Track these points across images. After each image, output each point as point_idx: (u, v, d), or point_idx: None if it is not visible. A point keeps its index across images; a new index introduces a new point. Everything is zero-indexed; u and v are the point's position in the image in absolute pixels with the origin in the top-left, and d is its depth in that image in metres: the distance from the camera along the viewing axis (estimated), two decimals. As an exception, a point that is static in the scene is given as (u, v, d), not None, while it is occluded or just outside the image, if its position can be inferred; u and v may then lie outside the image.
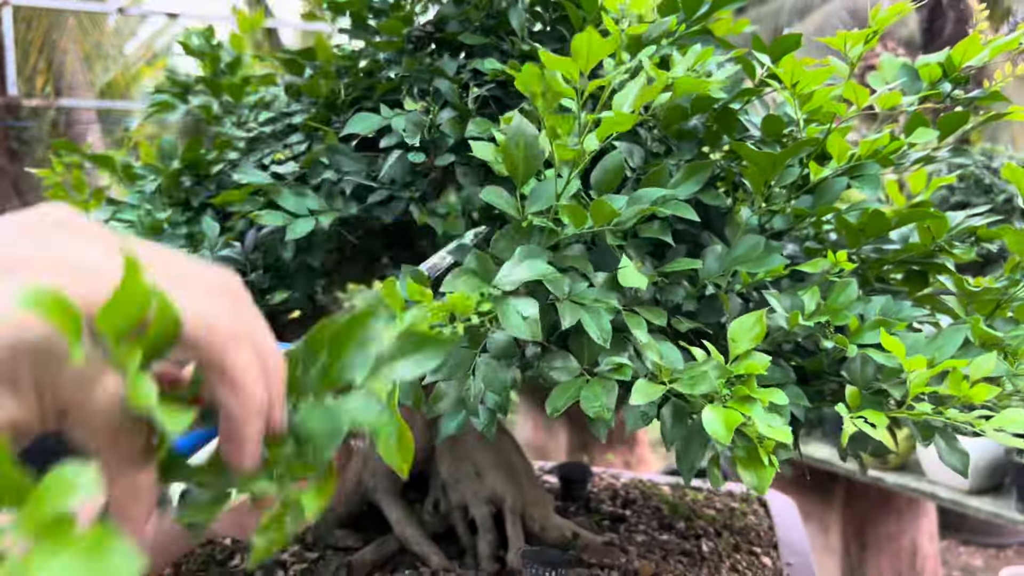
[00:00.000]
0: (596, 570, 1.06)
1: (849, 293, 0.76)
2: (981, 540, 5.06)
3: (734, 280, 0.82)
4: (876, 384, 0.75)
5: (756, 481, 0.65)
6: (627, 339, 0.75)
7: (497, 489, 1.14)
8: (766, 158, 0.79)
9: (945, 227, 0.92)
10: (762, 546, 1.21)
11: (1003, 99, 0.93)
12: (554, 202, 0.74)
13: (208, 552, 1.09)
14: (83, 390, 0.31)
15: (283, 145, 1.00)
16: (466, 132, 0.87)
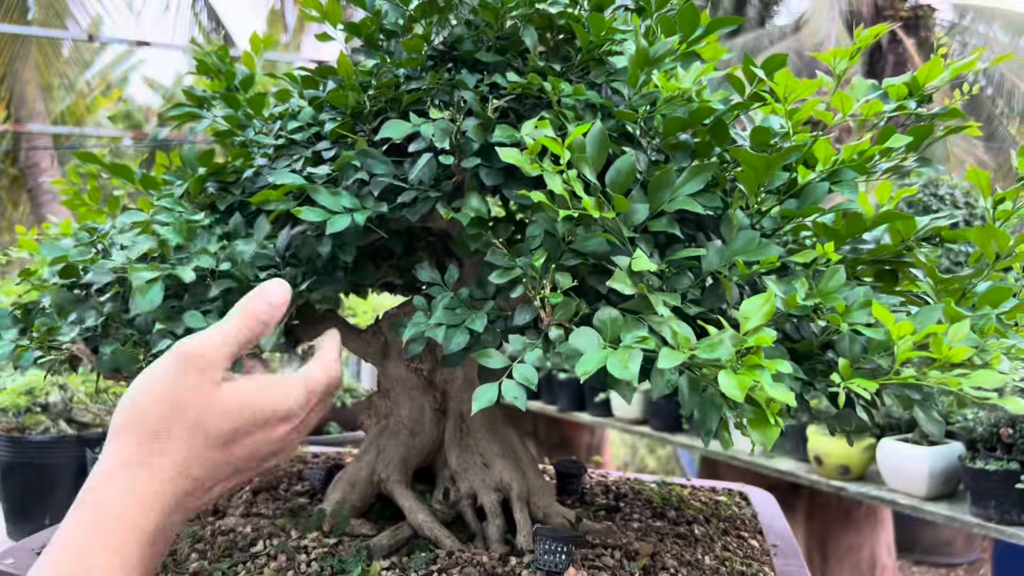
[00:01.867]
0: (600, 549, 1.13)
1: (838, 278, 0.86)
2: (933, 559, 5.23)
3: (732, 272, 0.92)
4: (864, 360, 0.84)
5: (764, 439, 0.73)
6: (642, 319, 0.84)
7: (504, 478, 1.21)
8: (761, 161, 0.89)
9: (913, 228, 1.03)
10: (748, 531, 1.30)
11: (961, 115, 1.05)
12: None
13: (231, 540, 1.14)
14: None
15: (311, 152, 1.08)
16: (489, 138, 0.96)
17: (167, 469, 0.62)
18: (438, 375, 1.29)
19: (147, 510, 0.60)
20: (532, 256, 0.90)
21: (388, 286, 1.57)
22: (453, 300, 0.96)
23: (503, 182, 0.97)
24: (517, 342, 0.89)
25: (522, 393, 0.84)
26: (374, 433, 1.29)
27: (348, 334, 1.28)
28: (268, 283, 0.75)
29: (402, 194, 0.98)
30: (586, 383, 2.88)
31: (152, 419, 0.63)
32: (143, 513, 0.60)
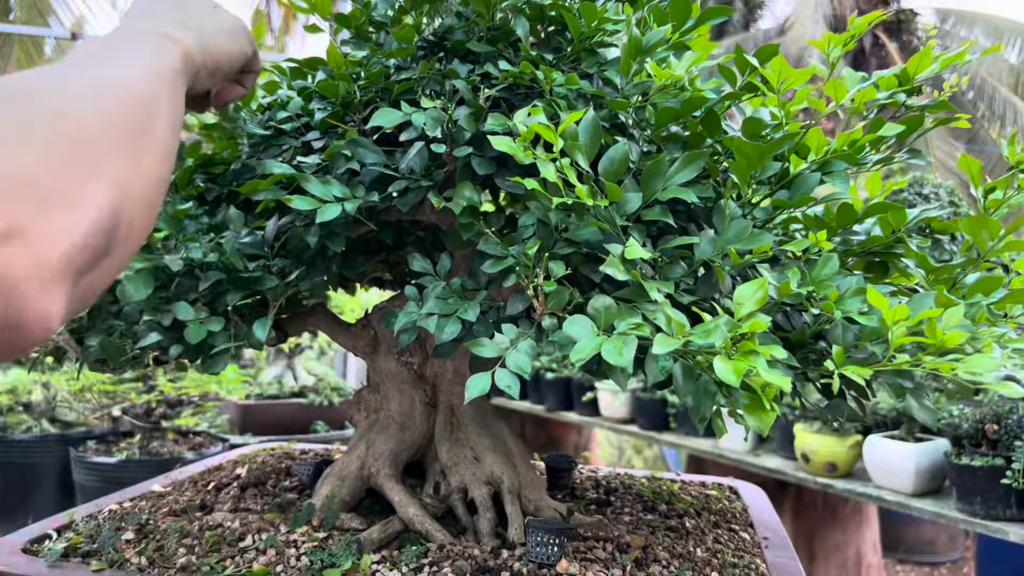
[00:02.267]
0: (592, 542, 1.13)
1: (832, 266, 0.86)
2: (916, 558, 5.26)
3: (725, 261, 0.92)
4: (856, 348, 0.84)
5: (760, 424, 0.73)
6: (636, 308, 0.83)
7: (495, 472, 1.21)
8: (754, 149, 0.89)
9: (904, 219, 1.03)
10: (739, 524, 1.30)
11: (950, 107, 1.05)
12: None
13: (219, 534, 1.12)
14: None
15: (301, 142, 1.07)
16: (481, 127, 0.96)
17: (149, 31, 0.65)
18: (428, 369, 1.28)
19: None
20: (525, 245, 0.90)
21: (377, 281, 1.57)
22: (445, 290, 0.96)
23: (495, 171, 0.96)
24: (510, 331, 0.88)
25: (515, 382, 0.83)
26: (364, 427, 1.28)
27: (337, 328, 1.27)
28: None
29: (393, 183, 0.97)
30: (574, 381, 2.90)
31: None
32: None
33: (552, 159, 0.86)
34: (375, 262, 1.47)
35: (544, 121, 0.85)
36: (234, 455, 1.64)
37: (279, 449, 1.69)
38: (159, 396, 2.13)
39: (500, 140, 0.87)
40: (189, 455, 2.17)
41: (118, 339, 0.95)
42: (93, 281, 0.49)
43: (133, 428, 2.22)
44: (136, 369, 0.99)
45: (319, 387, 2.98)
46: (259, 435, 2.77)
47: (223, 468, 1.53)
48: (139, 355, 0.96)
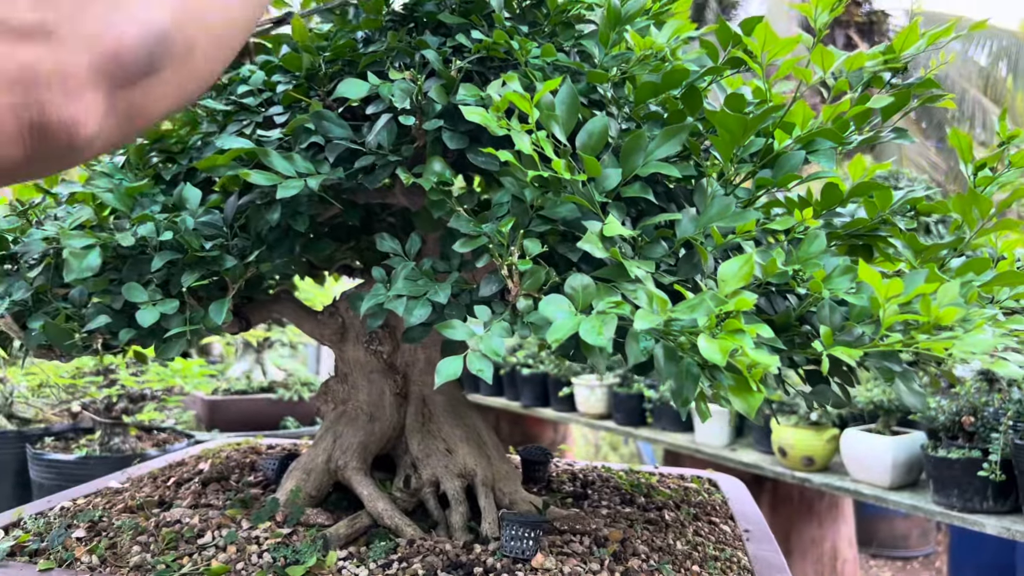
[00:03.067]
0: (568, 536, 1.09)
1: (818, 244, 0.83)
2: (889, 553, 5.30)
3: (708, 241, 0.88)
4: (844, 331, 0.81)
5: (746, 406, 0.69)
6: (616, 287, 0.79)
7: (468, 464, 1.16)
8: (738, 123, 0.85)
9: (890, 199, 1.00)
10: (719, 516, 1.27)
11: (936, 85, 1.02)
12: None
13: (176, 531, 1.06)
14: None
15: (263, 117, 1.02)
16: (453, 99, 0.91)
17: None
18: (399, 358, 1.23)
19: None
20: (499, 223, 0.85)
21: (347, 269, 1.51)
22: (415, 271, 0.91)
23: (468, 146, 0.91)
24: (483, 313, 0.83)
25: (488, 366, 0.79)
26: (331, 419, 1.22)
27: (303, 315, 1.22)
28: None
29: (360, 159, 0.92)
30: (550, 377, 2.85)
31: None
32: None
33: (527, 131, 0.81)
34: (345, 249, 1.41)
35: (519, 90, 0.81)
36: (197, 450, 1.58)
37: (245, 444, 1.63)
38: (120, 390, 2.06)
39: (472, 110, 0.82)
40: (152, 452, 2.10)
41: (63, 322, 0.89)
42: (139, 100, 0.45)
43: (93, 424, 2.15)
44: (84, 355, 0.93)
45: (289, 382, 2.91)
46: (227, 431, 2.70)
47: (185, 464, 1.47)
48: (87, 340, 0.90)
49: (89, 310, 0.89)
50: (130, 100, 0.44)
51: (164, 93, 0.46)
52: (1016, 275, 0.89)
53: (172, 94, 0.47)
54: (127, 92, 0.43)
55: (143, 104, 0.45)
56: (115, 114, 0.43)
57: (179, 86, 0.47)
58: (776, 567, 1.06)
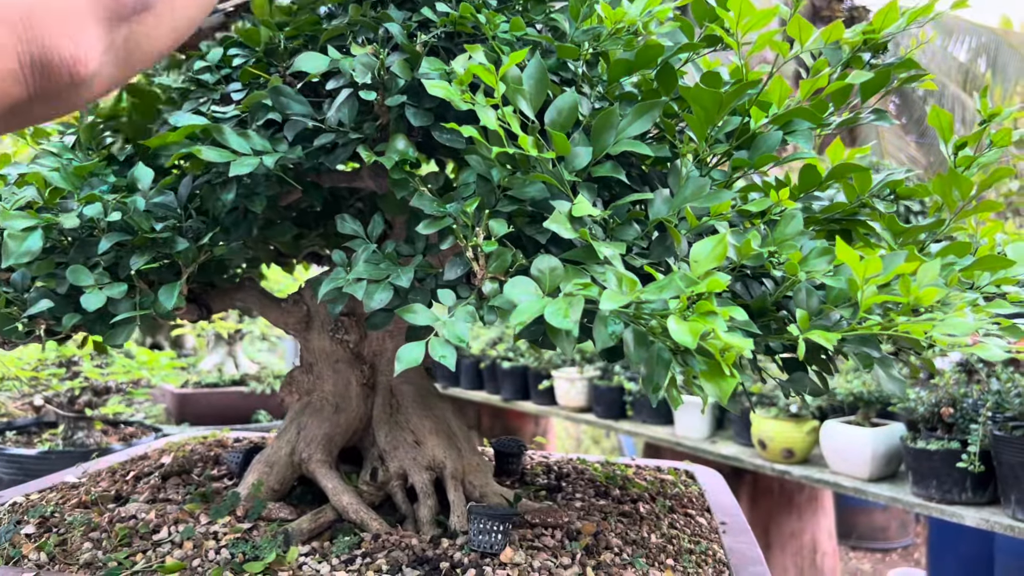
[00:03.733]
0: (540, 529, 1.05)
1: (795, 224, 0.80)
2: (868, 545, 5.33)
3: (681, 224, 0.84)
4: (822, 315, 0.78)
5: (719, 392, 0.66)
6: (585, 270, 0.76)
7: (437, 456, 1.13)
8: (712, 99, 0.82)
9: (869, 182, 0.98)
10: (696, 508, 1.24)
11: (917, 66, 0.99)
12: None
13: (131, 527, 1.02)
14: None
15: (220, 95, 0.97)
16: (417, 75, 0.87)
17: None
18: (366, 347, 1.19)
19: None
20: (464, 203, 0.82)
21: (315, 257, 1.47)
22: (376, 254, 0.87)
23: (432, 123, 0.87)
24: (447, 297, 0.80)
25: (451, 352, 0.75)
26: (296, 410, 1.18)
27: (267, 303, 1.17)
28: None
29: (320, 136, 0.88)
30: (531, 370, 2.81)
31: None
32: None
33: (493, 105, 0.78)
34: (313, 235, 1.37)
35: (484, 62, 0.77)
36: (161, 443, 1.54)
37: (212, 437, 1.58)
38: (83, 383, 2.00)
39: (435, 84, 0.78)
40: (117, 446, 2.05)
41: (3, 307, 0.84)
42: (136, 36, 0.45)
43: (57, 418, 2.09)
44: (27, 342, 0.88)
45: (261, 375, 2.86)
46: (197, 425, 2.64)
47: (147, 457, 1.43)
48: (29, 326, 0.85)
49: (31, 294, 0.85)
50: (127, 36, 0.44)
51: (158, 30, 0.47)
52: (996, 259, 0.86)
53: (165, 31, 0.48)
54: (125, 27, 0.44)
55: (139, 41, 0.46)
56: (114, 50, 0.44)
57: (171, 22, 0.48)
58: (752, 560, 1.03)
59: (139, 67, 0.47)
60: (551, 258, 0.74)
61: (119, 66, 0.45)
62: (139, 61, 0.47)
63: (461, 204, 0.82)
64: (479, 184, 0.83)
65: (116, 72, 0.45)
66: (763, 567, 1.01)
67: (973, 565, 3.69)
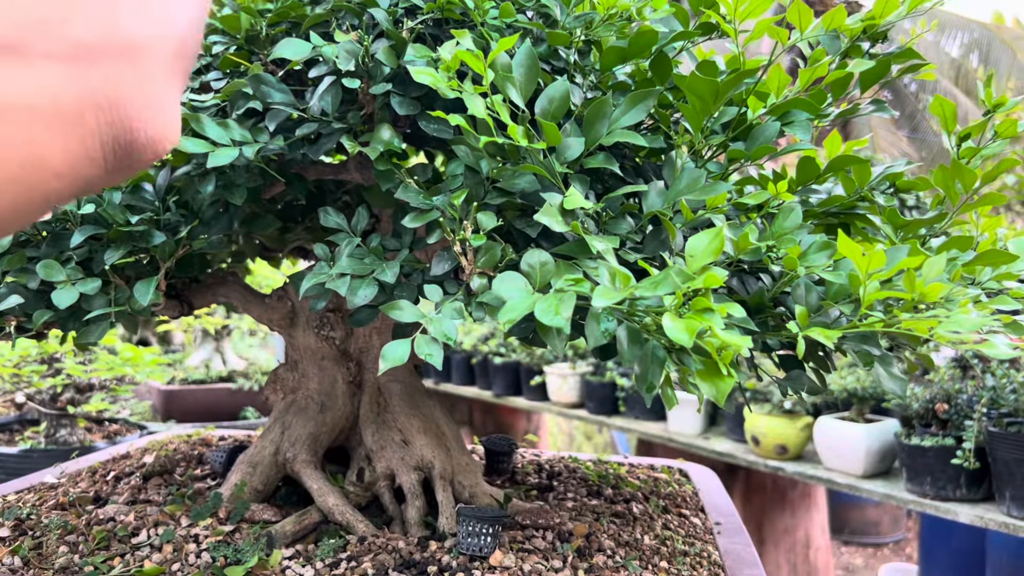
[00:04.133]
0: (531, 530, 1.03)
1: (794, 218, 0.77)
2: (860, 540, 5.34)
3: (676, 217, 0.82)
4: (821, 311, 0.75)
5: (715, 392, 0.64)
6: (577, 265, 0.73)
7: (425, 456, 1.10)
8: (709, 88, 0.79)
9: (868, 174, 0.95)
10: (690, 508, 1.21)
11: (917, 55, 0.97)
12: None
13: (109, 530, 0.99)
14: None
15: (199, 83, 0.94)
16: (402, 62, 0.84)
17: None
18: (352, 344, 1.16)
19: None
20: (452, 195, 0.79)
21: (302, 251, 1.44)
22: (360, 248, 0.84)
23: (418, 112, 0.84)
24: (434, 293, 0.77)
25: (437, 350, 0.72)
26: (280, 409, 1.15)
27: (250, 299, 1.14)
28: None
29: (302, 126, 0.85)
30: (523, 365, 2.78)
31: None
32: None
33: (482, 93, 0.75)
34: (299, 229, 1.34)
35: (471, 48, 0.74)
36: (144, 442, 1.50)
37: (196, 435, 1.55)
38: (66, 380, 1.97)
39: (421, 71, 0.75)
40: (101, 444, 2.01)
41: (-30, 303, 0.81)
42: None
43: (39, 416, 2.05)
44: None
45: (249, 371, 2.82)
46: (184, 422, 2.60)
47: (129, 456, 1.39)
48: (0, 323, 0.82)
49: (1, 290, 0.82)
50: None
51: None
52: (999, 254, 0.84)
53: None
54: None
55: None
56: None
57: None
58: (748, 562, 1.01)
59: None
60: (541, 252, 0.71)
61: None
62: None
63: (448, 196, 0.79)
64: (467, 176, 0.80)
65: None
66: (759, 569, 0.99)
67: (965, 560, 3.69)
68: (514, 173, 0.79)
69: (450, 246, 0.79)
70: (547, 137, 0.76)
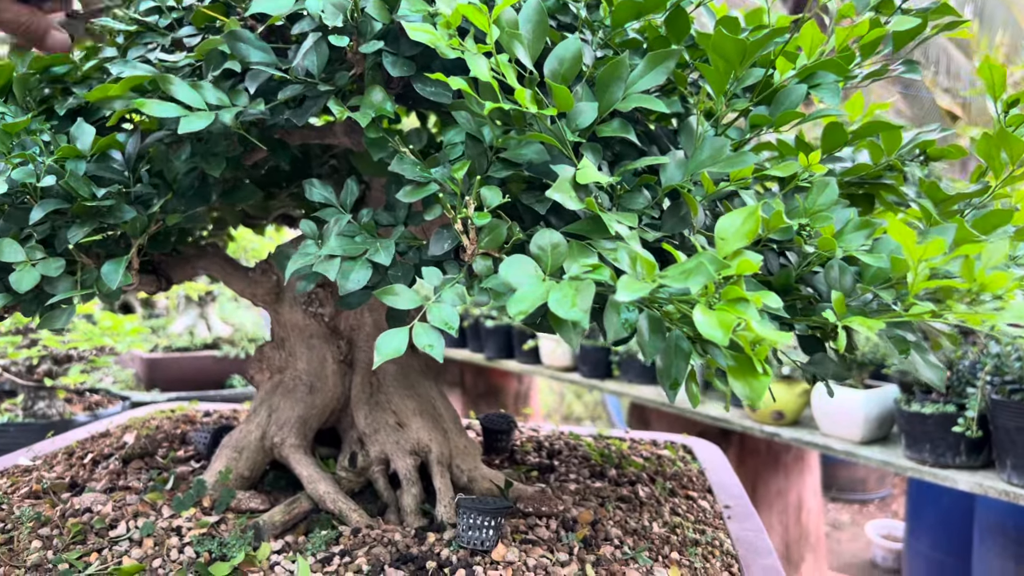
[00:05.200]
0: (533, 519, 0.97)
1: (829, 194, 0.70)
2: (847, 497, 5.39)
3: (696, 190, 0.75)
4: (857, 294, 0.69)
5: (750, 392, 0.57)
6: (591, 246, 0.66)
7: (421, 439, 1.04)
8: (735, 47, 0.72)
9: (898, 141, 0.88)
10: (697, 490, 1.16)
11: (953, 12, 0.89)
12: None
13: (85, 522, 0.93)
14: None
15: (171, 40, 0.85)
16: (395, 17, 0.76)
17: None
18: (342, 321, 1.09)
19: None
20: (451, 167, 0.71)
21: (287, 219, 1.36)
22: (351, 225, 0.77)
23: (414, 74, 0.76)
24: (433, 276, 0.70)
25: (438, 340, 0.66)
26: (266, 390, 1.09)
27: (232, 272, 1.07)
28: None
29: (285, 89, 0.77)
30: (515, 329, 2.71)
31: None
32: None
33: (485, 52, 0.67)
34: (284, 196, 1.26)
35: (475, 1, 0.66)
36: (125, 418, 1.44)
37: (179, 411, 1.49)
38: (42, 351, 1.89)
39: (417, 27, 0.67)
40: (82, 416, 1.94)
41: (-81, 287, 0.73)
42: None
43: (15, 387, 1.98)
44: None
45: (235, 338, 2.74)
46: (168, 391, 2.54)
47: (109, 435, 1.33)
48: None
49: (-46, 272, 0.74)
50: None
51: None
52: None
53: None
54: None
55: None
56: None
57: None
58: (762, 552, 0.96)
59: None
60: (553, 233, 0.64)
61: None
62: None
63: (448, 169, 0.72)
64: (468, 144, 0.73)
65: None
66: (773, 559, 0.94)
67: (952, 518, 3.71)
68: (520, 142, 0.71)
69: (450, 223, 0.72)
70: (558, 102, 0.69)
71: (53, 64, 0.87)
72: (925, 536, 3.50)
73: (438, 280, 0.70)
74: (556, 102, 0.69)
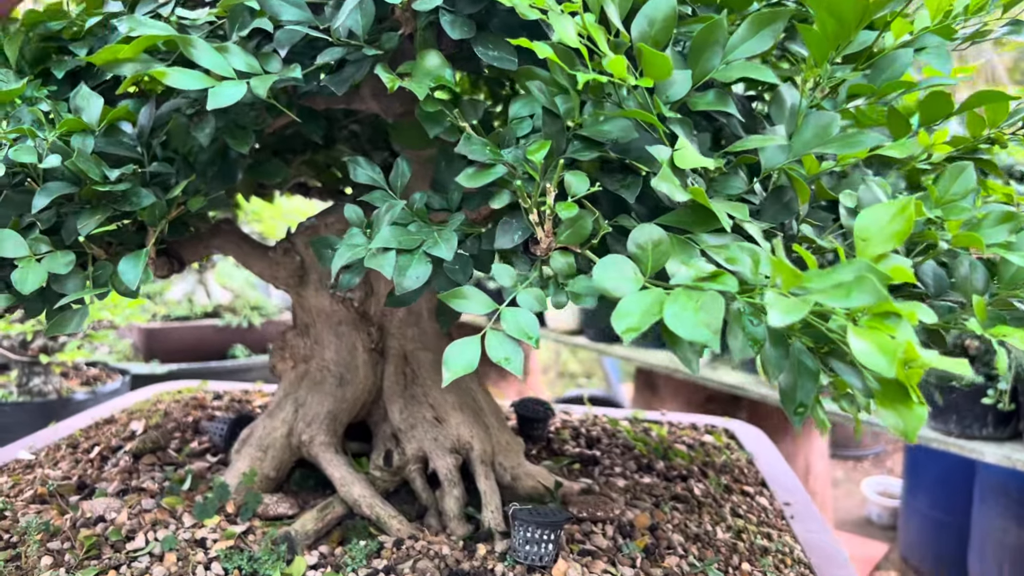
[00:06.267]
0: (588, 525, 0.90)
1: (966, 179, 0.61)
2: (841, 453, 5.40)
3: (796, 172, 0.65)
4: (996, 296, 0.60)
5: (904, 425, 0.49)
6: (692, 241, 0.57)
7: (462, 435, 0.95)
8: (854, 6, 0.61)
9: (1005, 112, 0.79)
10: (751, 484, 1.09)
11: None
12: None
13: (99, 534, 0.84)
14: None
15: (185, -8, 0.74)
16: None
17: None
18: (373, 305, 1.00)
19: None
20: (526, 148, 0.61)
21: (301, 188, 1.25)
22: (405, 213, 0.67)
23: (474, 35, 0.66)
24: (504, 274, 0.60)
25: (516, 352, 0.57)
26: (291, 381, 0.99)
27: (250, 252, 0.97)
28: None
29: (324, 52, 0.66)
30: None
31: None
32: None
33: (572, 12, 0.56)
34: (297, 163, 1.15)
35: (560, -49, 0.55)
36: (130, 402, 1.35)
37: (186, 393, 1.40)
38: (36, 326, 1.79)
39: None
40: (80, 393, 1.85)
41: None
42: None
43: (9, 362, 1.88)
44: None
45: (236, 306, 2.64)
46: (167, 362, 2.44)
47: (114, 421, 1.24)
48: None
49: (-56, 268, 0.64)
50: None
51: None
52: None
53: None
54: None
55: None
56: None
57: None
58: (836, 560, 0.88)
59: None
60: (652, 228, 0.55)
61: None
62: None
63: (520, 149, 0.62)
64: (545, 120, 0.62)
65: None
66: (850, 569, 0.87)
67: (952, 475, 3.69)
68: (605, 118, 0.61)
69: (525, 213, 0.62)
70: (651, 71, 0.59)
71: (53, 18, 0.76)
72: (923, 495, 3.49)
73: (511, 279, 0.61)
74: (650, 71, 0.58)
